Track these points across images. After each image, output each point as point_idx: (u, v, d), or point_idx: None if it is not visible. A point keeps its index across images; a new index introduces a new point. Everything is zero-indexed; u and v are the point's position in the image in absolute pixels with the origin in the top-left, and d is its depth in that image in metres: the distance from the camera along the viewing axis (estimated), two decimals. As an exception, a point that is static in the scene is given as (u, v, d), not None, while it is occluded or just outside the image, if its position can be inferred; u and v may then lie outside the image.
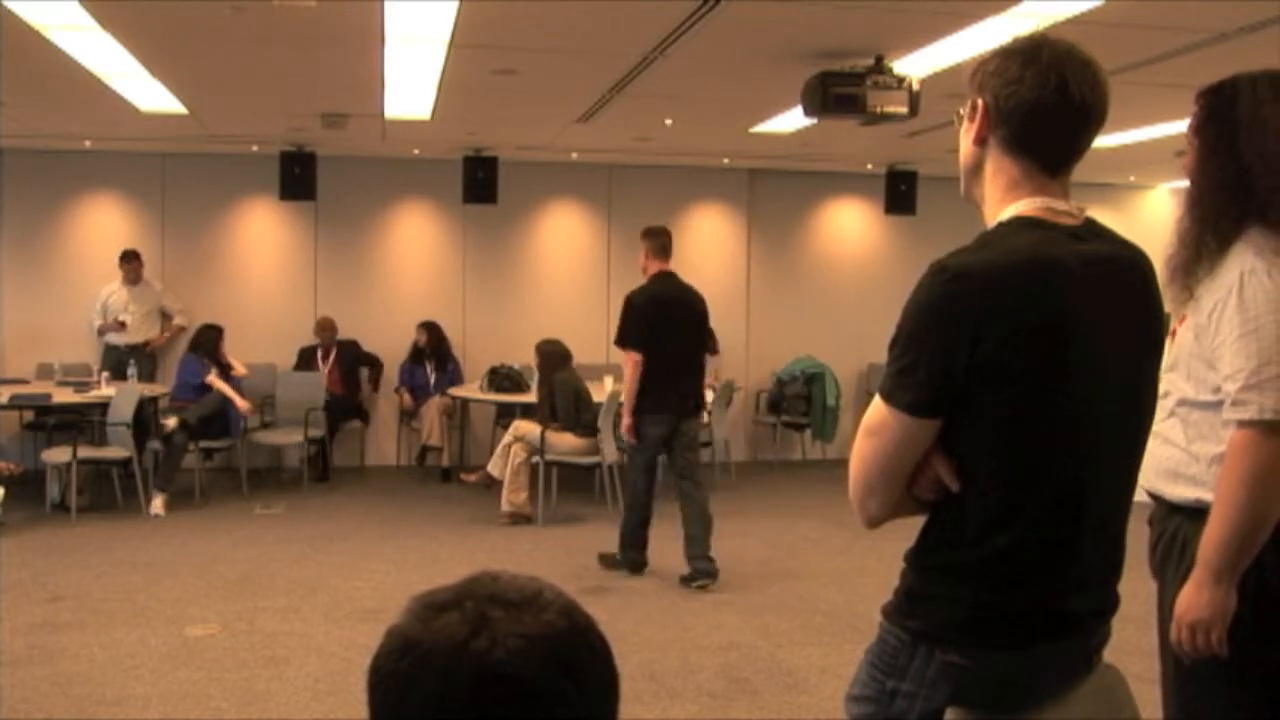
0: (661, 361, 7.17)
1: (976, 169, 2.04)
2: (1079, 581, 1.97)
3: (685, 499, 7.36)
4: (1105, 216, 2.04)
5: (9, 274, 11.11)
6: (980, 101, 1.99)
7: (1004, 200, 1.99)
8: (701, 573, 7.18)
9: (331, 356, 11.18)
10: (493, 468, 9.19)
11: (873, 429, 1.95)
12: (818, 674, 5.61)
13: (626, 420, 7.31)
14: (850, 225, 12.66)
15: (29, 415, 10.31)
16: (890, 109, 6.66)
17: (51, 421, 10.02)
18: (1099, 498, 1.97)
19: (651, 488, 7.46)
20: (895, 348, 1.92)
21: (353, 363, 11.27)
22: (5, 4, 5.64)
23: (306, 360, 11.19)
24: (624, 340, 7.29)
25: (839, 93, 6.64)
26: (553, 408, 9.09)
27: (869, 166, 11.88)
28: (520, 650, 1.04)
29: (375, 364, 11.48)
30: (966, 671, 1.92)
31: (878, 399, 1.95)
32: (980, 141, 2.01)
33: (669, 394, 7.24)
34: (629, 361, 7.23)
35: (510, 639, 1.04)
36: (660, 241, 7.47)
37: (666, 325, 7.24)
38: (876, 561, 7.23)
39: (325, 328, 11.22)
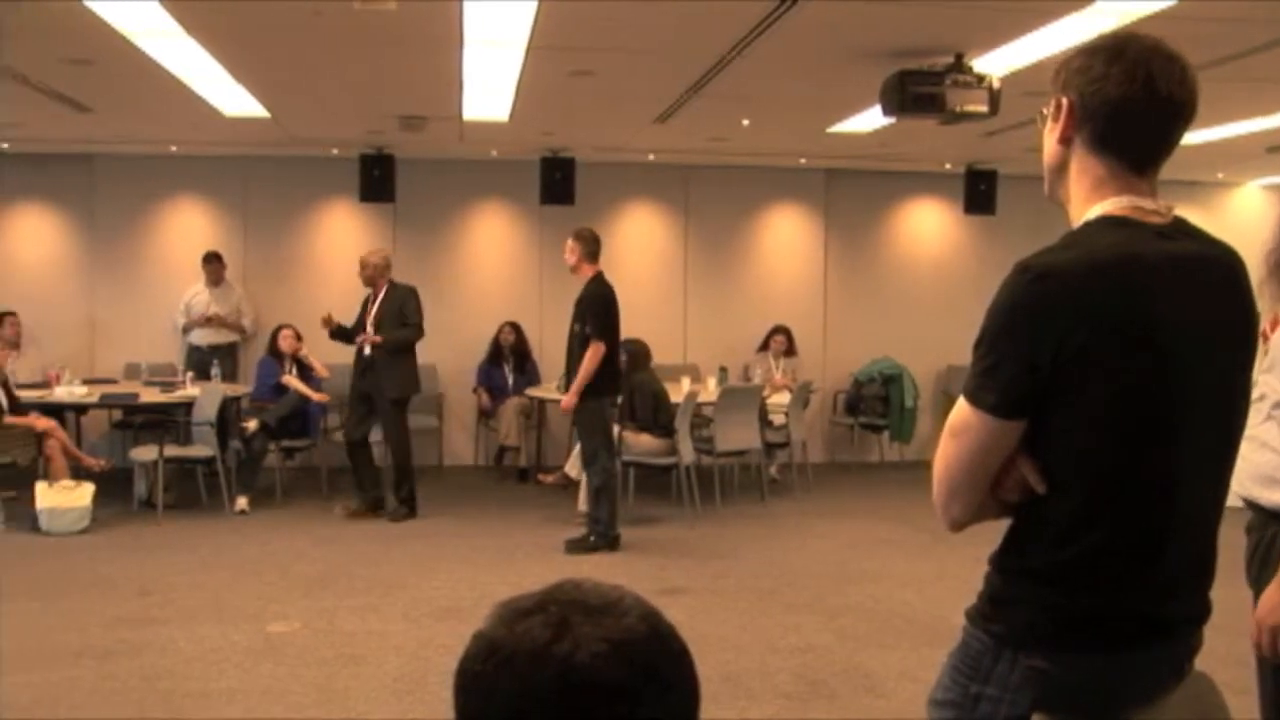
0: (613, 352, 8.07)
1: (1061, 168, 2.01)
2: (1167, 587, 1.93)
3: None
4: (1192, 215, 2.00)
5: (101, 276, 11.36)
6: (1064, 100, 1.96)
7: (1089, 200, 1.96)
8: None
9: (378, 302, 9.27)
10: (570, 469, 9.24)
11: (956, 430, 1.93)
12: (896, 678, 5.56)
13: (571, 399, 8.04)
14: (928, 225, 12.56)
15: (117, 414, 10.52)
16: (970, 108, 6.60)
17: (139, 421, 10.21)
18: (1188, 501, 1.93)
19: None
20: (979, 348, 1.89)
21: (397, 315, 9.14)
22: (97, 13, 5.76)
23: (364, 308, 9.48)
24: (600, 334, 7.91)
25: (918, 92, 6.59)
26: (632, 407, 9.11)
27: (947, 166, 11.77)
28: (602, 654, 1.05)
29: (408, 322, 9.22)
30: (1051, 677, 1.90)
31: (962, 400, 1.92)
32: (1065, 141, 1.98)
33: (616, 380, 8.23)
34: (595, 351, 7.88)
35: (592, 643, 1.06)
36: (596, 246, 8.13)
37: (617, 320, 8.10)
38: (956, 565, 7.14)
39: (364, 265, 9.33)
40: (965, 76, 6.52)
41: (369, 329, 9.12)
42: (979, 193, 11.85)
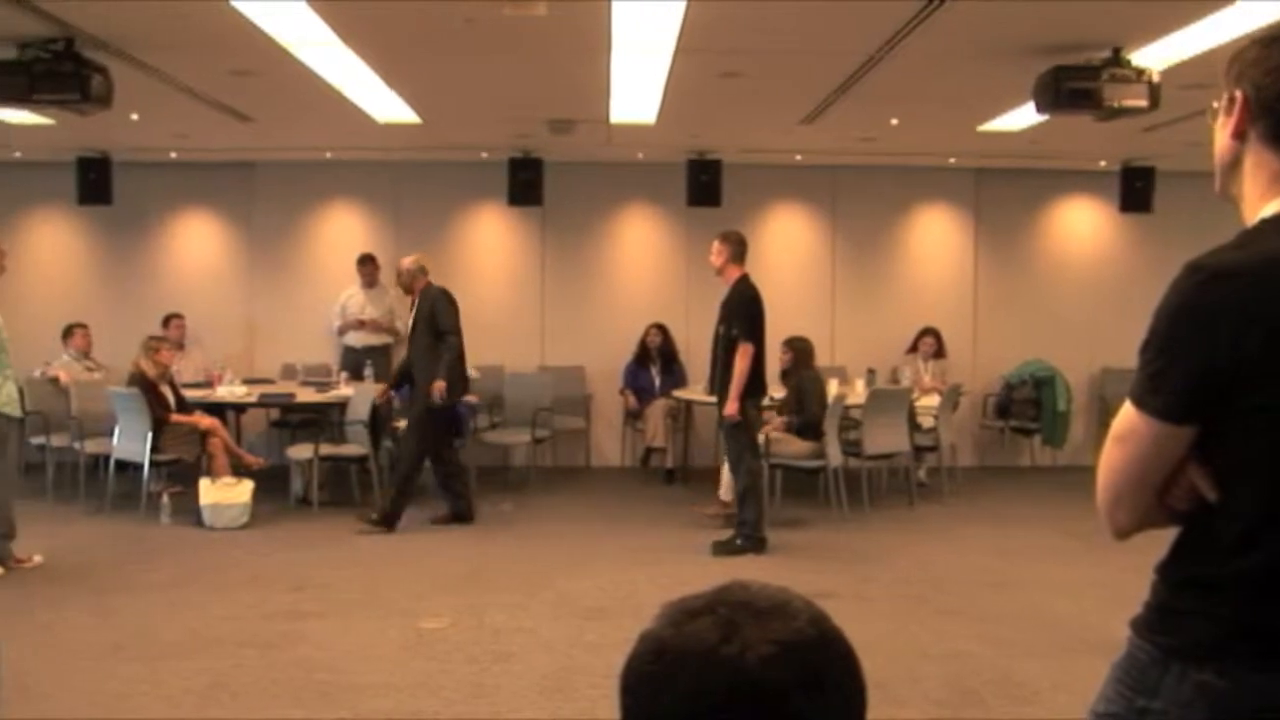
0: (760, 353, 7.98)
1: (1234, 164, 1.93)
2: None
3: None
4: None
5: (259, 279, 11.74)
6: (1238, 93, 1.88)
7: (1265, 197, 1.88)
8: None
9: (414, 309, 9.04)
10: (724, 494, 8.91)
11: (1122, 435, 1.87)
12: (1049, 688, 5.42)
13: (733, 405, 7.83)
14: (1082, 224, 12.26)
15: (275, 413, 10.84)
16: (1128, 102, 6.44)
17: (295, 420, 10.51)
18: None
19: None
20: (1146, 351, 1.83)
21: (429, 320, 8.76)
22: (259, 25, 5.95)
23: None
24: (748, 335, 7.86)
25: (1073, 87, 6.46)
26: (799, 403, 9.07)
27: (1102, 163, 11.45)
28: (770, 657, 1.05)
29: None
30: (1223, 693, 1.82)
31: (1128, 404, 1.86)
32: (1238, 135, 1.90)
33: (762, 381, 8.12)
34: (745, 353, 7.81)
35: (761, 645, 1.06)
36: (742, 248, 8.13)
37: (763, 321, 8.01)
38: (1110, 573, 6.94)
39: (400, 272, 9.11)
40: (1123, 70, 6.36)
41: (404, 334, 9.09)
42: (1135, 190, 11.52)
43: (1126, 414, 1.86)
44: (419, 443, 8.80)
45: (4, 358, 7.01)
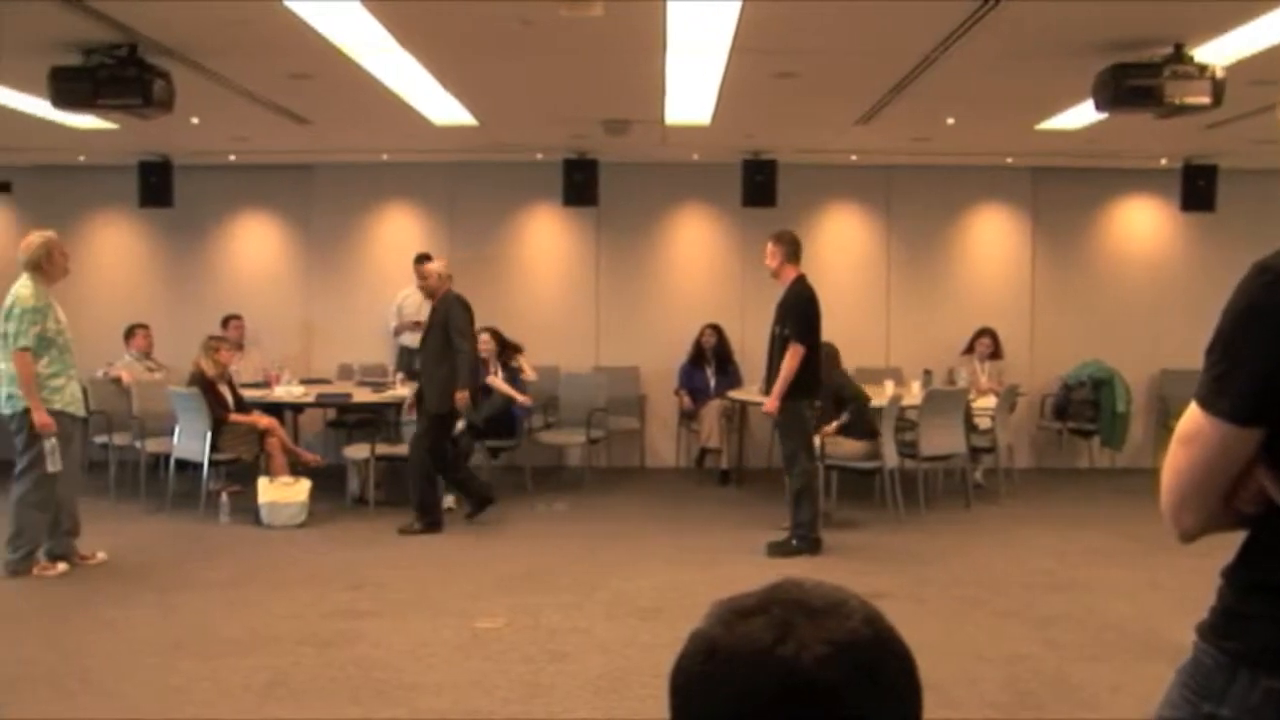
0: (814, 352, 7.92)
1: (1304, 161, 1.90)
2: None
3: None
4: None
5: (316, 280, 11.85)
6: (1308, 88, 1.86)
7: (1336, 194, 1.85)
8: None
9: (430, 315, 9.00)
10: None
11: (1187, 437, 1.84)
12: (1109, 692, 5.35)
13: (774, 402, 7.87)
14: (1142, 224, 12.10)
15: (332, 413, 10.92)
16: (1190, 100, 6.35)
17: (352, 419, 10.59)
18: None
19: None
20: (1213, 353, 1.80)
21: (443, 327, 8.72)
22: (318, 30, 6.01)
23: None
24: (801, 336, 7.82)
25: (1133, 85, 6.39)
26: (838, 404, 9.04)
27: (1163, 161, 11.30)
28: (826, 657, 1.03)
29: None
30: (1293, 700, 1.79)
31: (1193, 405, 1.84)
32: (1308, 131, 1.88)
33: (816, 382, 8.07)
34: (795, 353, 7.77)
35: (816, 645, 1.04)
36: (796, 248, 8.04)
37: (818, 322, 7.98)
38: (1169, 575, 6.89)
39: (425, 276, 9.20)
40: (1185, 67, 6.27)
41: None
42: (1197, 189, 11.34)
43: (1192, 415, 1.83)
44: (427, 447, 8.70)
45: (68, 358, 7.12)
